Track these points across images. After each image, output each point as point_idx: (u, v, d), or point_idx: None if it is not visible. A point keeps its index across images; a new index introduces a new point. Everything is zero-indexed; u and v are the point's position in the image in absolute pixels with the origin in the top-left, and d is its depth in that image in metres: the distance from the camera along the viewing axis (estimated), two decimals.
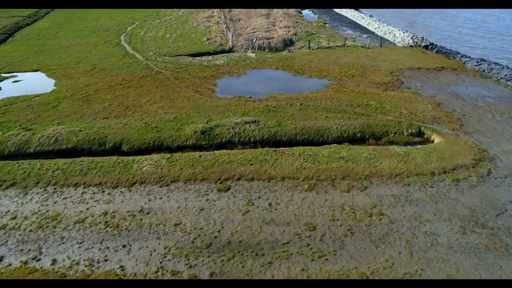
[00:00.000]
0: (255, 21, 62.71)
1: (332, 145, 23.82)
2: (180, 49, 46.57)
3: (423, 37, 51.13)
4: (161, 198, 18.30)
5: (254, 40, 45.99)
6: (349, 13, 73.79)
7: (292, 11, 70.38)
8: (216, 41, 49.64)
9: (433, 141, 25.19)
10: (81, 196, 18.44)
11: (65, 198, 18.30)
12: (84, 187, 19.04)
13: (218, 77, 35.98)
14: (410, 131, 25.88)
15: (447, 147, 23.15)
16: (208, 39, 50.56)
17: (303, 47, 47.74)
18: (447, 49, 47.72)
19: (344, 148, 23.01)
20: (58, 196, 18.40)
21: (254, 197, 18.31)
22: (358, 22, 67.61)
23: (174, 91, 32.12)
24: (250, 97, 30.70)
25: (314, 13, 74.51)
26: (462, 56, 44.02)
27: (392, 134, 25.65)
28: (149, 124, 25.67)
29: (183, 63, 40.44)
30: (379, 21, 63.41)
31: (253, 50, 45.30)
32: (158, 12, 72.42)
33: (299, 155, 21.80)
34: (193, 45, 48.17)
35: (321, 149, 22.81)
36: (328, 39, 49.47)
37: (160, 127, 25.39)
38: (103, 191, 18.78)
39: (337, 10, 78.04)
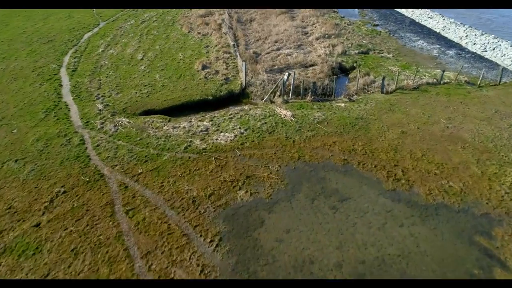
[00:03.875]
0: (275, 24, 41.64)
1: None
2: (155, 91, 26.28)
3: None
4: None
5: (286, 78, 25.54)
6: None
7: None
8: (218, 72, 29.18)
9: None
10: None
11: None
12: None
13: (224, 201, 15.90)
14: None
15: None
16: (204, 66, 30.04)
17: (368, 87, 27.27)
18: None
19: None
20: None
21: None
22: (423, 23, 46.47)
23: None
24: None
25: None
26: None
27: None
28: None
29: (153, 140, 20.28)
30: (462, 24, 42.20)
31: (286, 98, 24.98)
32: None
33: None
34: (178, 82, 27.79)
35: None
36: (414, 72, 28.51)
37: None
38: None
39: None
